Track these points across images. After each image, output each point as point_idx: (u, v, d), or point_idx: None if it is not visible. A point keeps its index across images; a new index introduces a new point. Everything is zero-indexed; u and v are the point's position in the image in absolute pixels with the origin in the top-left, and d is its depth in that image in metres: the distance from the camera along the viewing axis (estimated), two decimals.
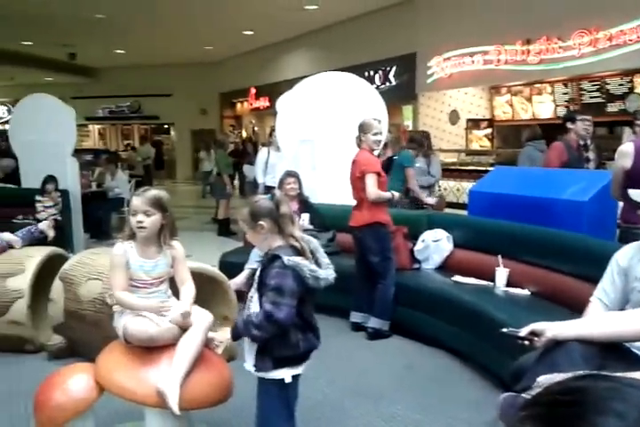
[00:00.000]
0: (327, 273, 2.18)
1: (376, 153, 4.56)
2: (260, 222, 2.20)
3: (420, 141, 6.81)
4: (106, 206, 8.63)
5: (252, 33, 13.52)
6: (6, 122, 21.63)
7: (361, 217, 4.26)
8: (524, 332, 2.11)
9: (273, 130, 8.02)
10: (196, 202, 13.89)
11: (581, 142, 5.24)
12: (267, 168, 7.62)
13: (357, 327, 4.39)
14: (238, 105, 18.96)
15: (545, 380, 1.85)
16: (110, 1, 10.75)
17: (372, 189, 4.11)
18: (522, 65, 8.68)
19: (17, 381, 3.57)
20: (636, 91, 8.16)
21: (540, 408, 0.65)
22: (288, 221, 2.23)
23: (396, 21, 10.92)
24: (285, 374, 2.21)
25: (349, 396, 3.36)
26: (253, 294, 2.29)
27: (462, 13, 9.45)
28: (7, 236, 4.20)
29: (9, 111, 21.93)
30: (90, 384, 2.43)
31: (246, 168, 10.77)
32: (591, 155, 5.16)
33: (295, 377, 2.26)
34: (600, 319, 2.11)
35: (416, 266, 4.54)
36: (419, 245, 4.56)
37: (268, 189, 7.02)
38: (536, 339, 2.07)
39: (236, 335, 2.24)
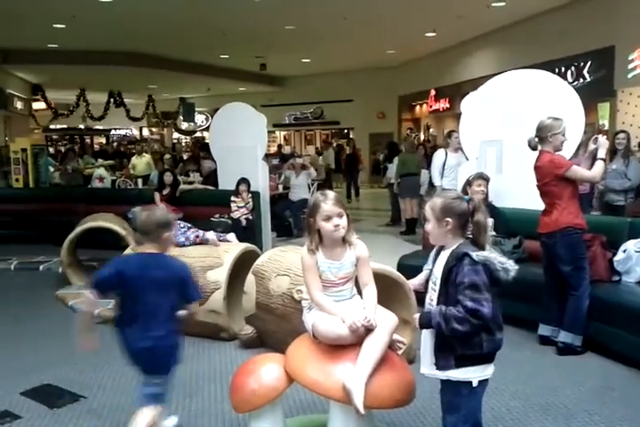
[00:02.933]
0: (513, 265, 2.16)
1: (567, 155, 4.27)
2: (448, 219, 2.20)
3: None
4: (292, 207, 9.11)
5: (434, 34, 13.40)
6: (205, 129, 23.92)
7: (551, 222, 4.00)
8: None
9: (452, 131, 7.85)
10: (372, 205, 14.10)
11: None
12: (444, 171, 7.46)
13: (545, 341, 4.12)
14: (417, 108, 18.90)
15: None
16: (300, 12, 11.34)
17: (588, 174, 3.95)
18: None
19: (213, 364, 3.91)
20: None
21: None
22: (477, 229, 2.21)
23: (590, 13, 10.12)
24: (472, 375, 2.17)
25: (535, 412, 3.17)
26: (433, 297, 2.27)
27: None
28: (210, 235, 4.70)
29: (207, 119, 24.22)
30: (280, 374, 2.55)
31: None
32: None
33: (482, 383, 2.20)
34: None
35: (615, 278, 4.14)
36: (619, 256, 4.14)
37: None
38: None
39: (427, 325, 2.19)
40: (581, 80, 10.56)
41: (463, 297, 2.08)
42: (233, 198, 7.17)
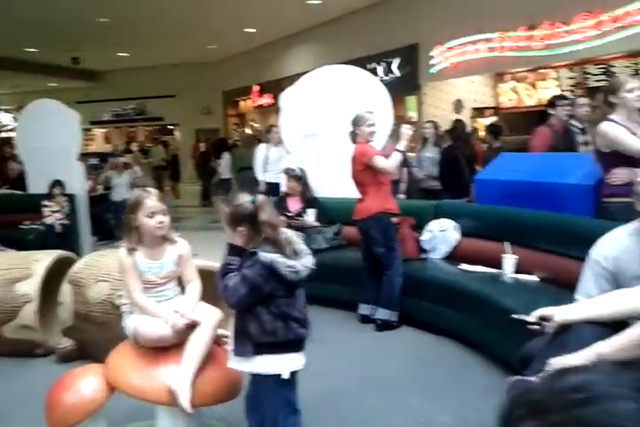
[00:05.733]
0: (305, 261, 2.17)
1: (377, 146, 4.54)
2: (240, 228, 2.18)
3: None
4: (113, 208, 8.64)
5: (253, 31, 13.48)
6: (11, 129, 21.78)
7: (364, 209, 4.25)
8: (532, 317, 2.12)
9: (272, 126, 7.96)
10: (200, 202, 13.90)
11: (580, 126, 5.19)
12: (267, 165, 7.55)
13: (366, 319, 4.36)
14: (242, 103, 18.95)
15: (556, 361, 1.85)
16: (113, 5, 10.76)
17: (385, 163, 4.11)
18: (526, 51, 8.58)
19: (27, 383, 3.57)
20: None
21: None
22: (268, 228, 2.17)
23: (397, 13, 10.86)
24: (283, 369, 2.19)
25: (362, 388, 3.33)
26: None
27: (463, 1, 9.37)
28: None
29: (15, 119, 22.09)
30: (100, 385, 2.43)
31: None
32: (590, 138, 5.05)
33: (293, 374, 2.24)
34: (606, 299, 2.09)
35: (423, 256, 4.52)
36: (425, 235, 4.53)
37: (270, 187, 7.00)
38: (545, 323, 2.07)
39: (222, 272, 2.23)
40: (391, 75, 11.32)
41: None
42: (46, 202, 6.63)
